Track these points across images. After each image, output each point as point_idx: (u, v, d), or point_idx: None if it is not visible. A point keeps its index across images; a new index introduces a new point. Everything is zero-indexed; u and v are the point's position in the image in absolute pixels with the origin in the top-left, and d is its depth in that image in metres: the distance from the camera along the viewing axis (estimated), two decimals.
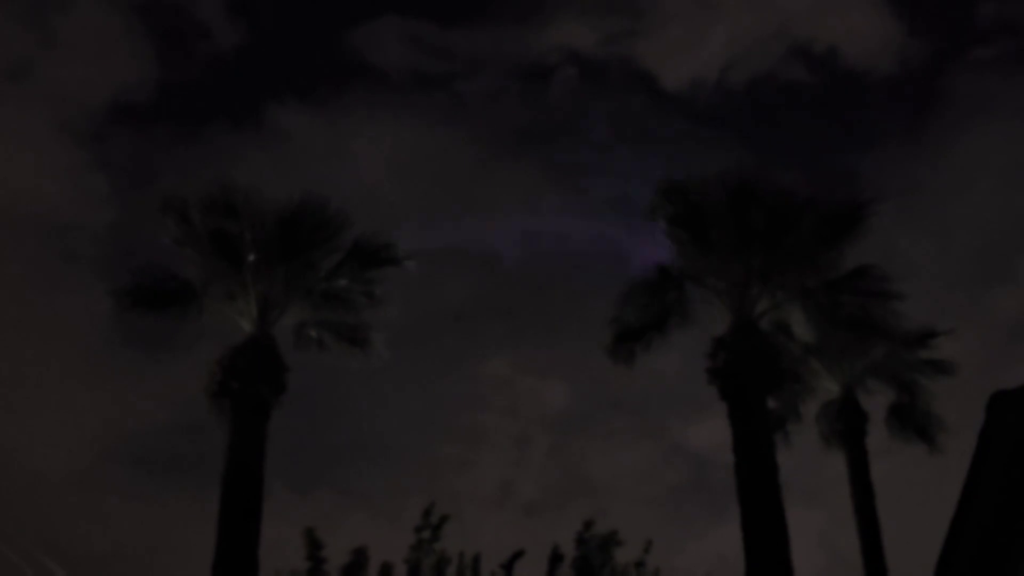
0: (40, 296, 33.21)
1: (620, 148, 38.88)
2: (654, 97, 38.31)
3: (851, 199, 19.34)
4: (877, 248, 19.75)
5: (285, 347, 18.76)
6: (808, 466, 24.02)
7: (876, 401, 22.63)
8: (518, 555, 16.95)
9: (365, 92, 39.96)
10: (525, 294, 36.78)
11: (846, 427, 21.98)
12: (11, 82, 35.74)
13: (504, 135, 40.25)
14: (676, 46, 39.99)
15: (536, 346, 36.42)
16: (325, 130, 39.04)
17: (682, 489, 35.05)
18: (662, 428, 36.57)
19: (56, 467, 31.88)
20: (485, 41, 39.42)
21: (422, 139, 38.32)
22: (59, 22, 36.78)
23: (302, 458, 28.56)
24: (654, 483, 36.12)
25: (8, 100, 35.48)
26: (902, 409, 22.50)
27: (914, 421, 22.32)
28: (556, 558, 16.82)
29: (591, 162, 39.50)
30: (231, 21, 39.21)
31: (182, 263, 19.01)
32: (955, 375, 22.27)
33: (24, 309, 31.79)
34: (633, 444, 36.84)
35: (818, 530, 27.51)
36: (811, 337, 20.48)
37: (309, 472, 30.35)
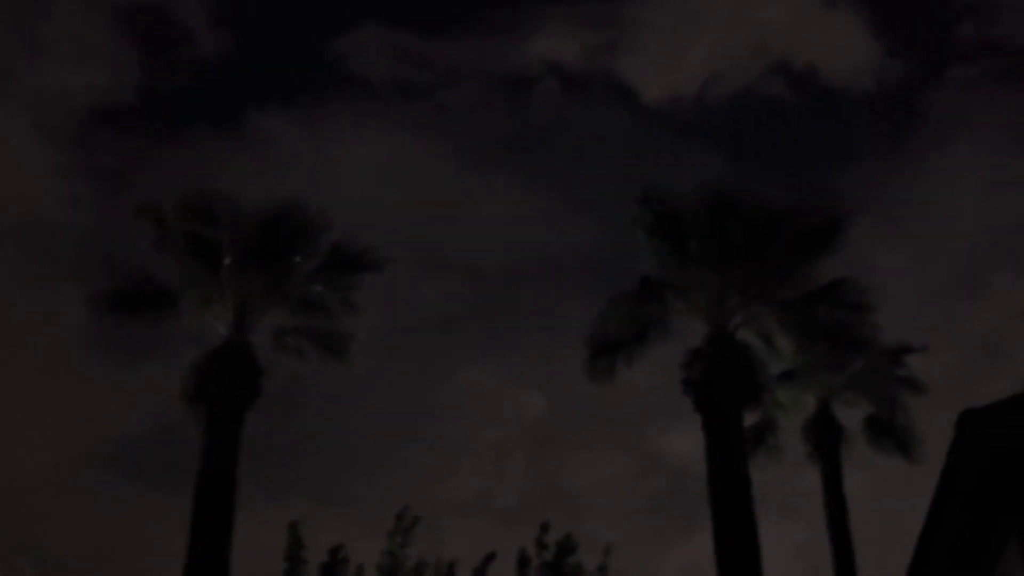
0: (19, 299, 33.02)
1: (601, 159, 38.97)
2: (635, 111, 38.42)
3: (829, 213, 19.39)
4: (854, 262, 19.96)
5: (262, 352, 18.70)
6: (785, 479, 24.09)
7: (853, 415, 22.73)
8: (491, 557, 16.99)
9: (347, 100, 39.93)
10: (505, 303, 36.80)
11: (821, 441, 22.03)
12: None
13: (486, 145, 40.26)
14: (657, 61, 40.18)
15: (515, 355, 36.44)
16: (307, 137, 38.98)
17: (658, 499, 35.04)
18: (638, 438, 36.60)
19: (31, 469, 31.72)
20: (467, 52, 39.43)
21: (404, 147, 38.31)
22: (41, 27, 36.55)
23: (279, 464, 28.44)
24: (630, 493, 36.12)
25: None
26: (878, 422, 22.52)
27: (892, 433, 22.34)
28: (523, 562, 16.92)
29: (572, 173, 39.60)
30: (214, 28, 39.03)
31: (160, 267, 18.98)
32: (928, 394, 22.37)
33: (2, 312, 31.65)
34: (610, 454, 36.84)
35: (795, 543, 27.60)
36: (788, 350, 20.32)
37: (286, 478, 30.23)
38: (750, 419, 20.27)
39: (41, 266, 33.33)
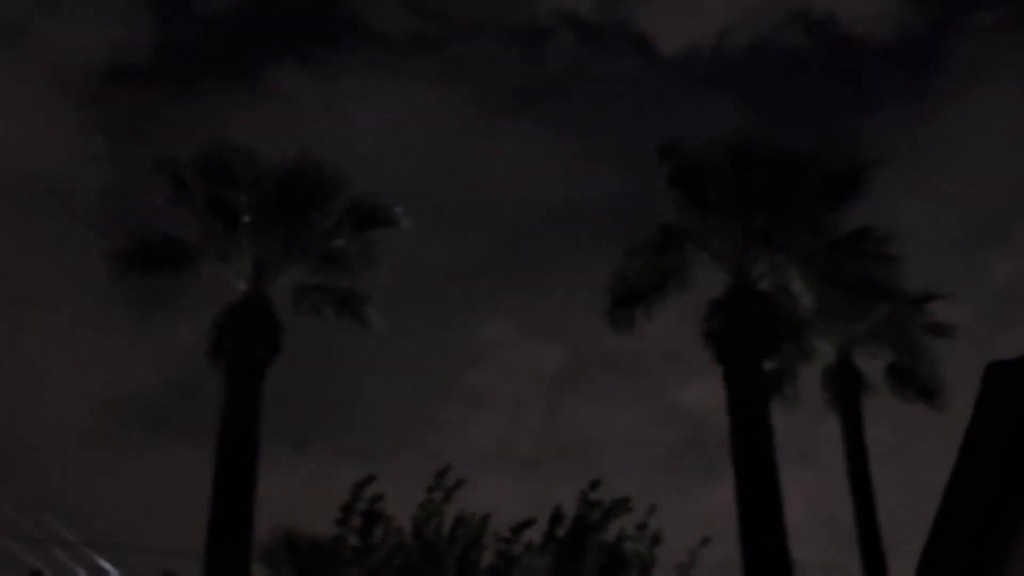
0: (39, 256, 33.16)
1: (618, 109, 38.64)
2: (652, 61, 38.03)
3: (851, 162, 19.15)
4: (877, 211, 19.66)
5: (282, 307, 18.71)
6: (805, 427, 24.08)
7: (875, 364, 22.55)
8: (528, 523, 16.86)
9: (363, 53, 39.79)
10: (522, 254, 36.79)
11: (842, 389, 21.93)
12: (7, 43, 35.44)
13: (501, 96, 40.08)
14: (673, 10, 39.62)
15: (533, 306, 36.48)
16: (323, 91, 38.86)
17: (676, 449, 35.18)
18: (657, 389, 36.65)
19: (55, 425, 31.99)
20: (481, 4, 39.11)
21: (419, 99, 38.16)
22: None
23: (299, 415, 28.65)
24: (649, 443, 36.26)
25: (4, 61, 35.23)
26: (901, 369, 22.36)
27: (914, 380, 22.21)
28: (556, 518, 16.78)
29: (589, 122, 39.30)
30: None
31: (178, 223, 18.95)
32: (953, 337, 22.18)
33: (23, 269, 31.74)
34: (628, 404, 36.95)
35: (814, 491, 27.64)
36: (809, 299, 20.30)
37: (306, 429, 30.47)
38: (769, 367, 19.94)
39: (60, 222, 33.44)
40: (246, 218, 18.45)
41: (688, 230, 19.12)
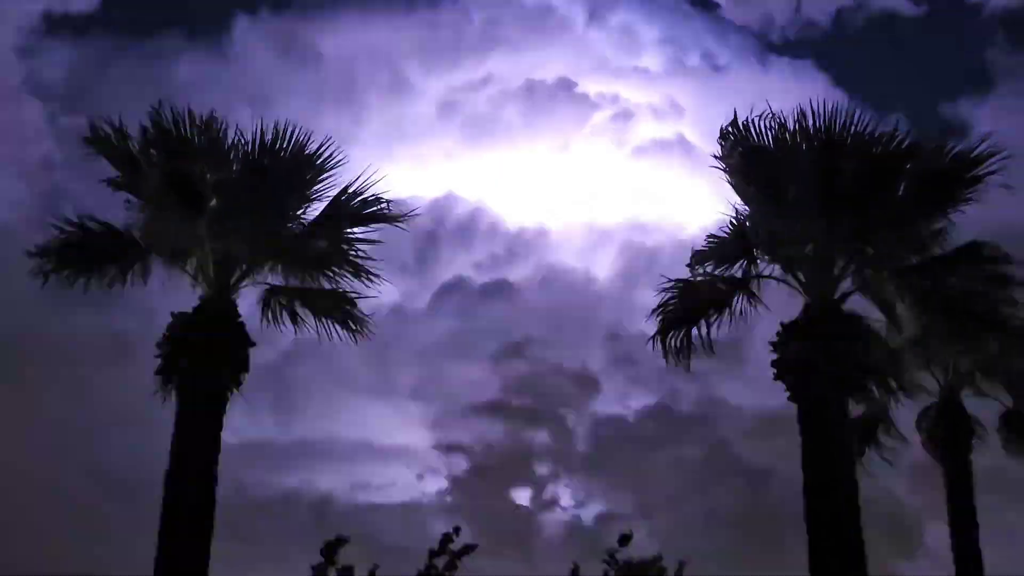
0: None
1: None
2: (718, 25, 34.91)
3: (962, 154, 16.33)
4: (990, 217, 17.07)
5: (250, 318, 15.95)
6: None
7: (987, 406, 20.40)
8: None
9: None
10: None
11: (947, 436, 19.93)
12: None
13: None
14: None
15: None
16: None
17: (737, 507, 32.01)
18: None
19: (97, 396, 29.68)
20: None
21: None
22: None
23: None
24: (704, 498, 33.03)
25: None
26: (1020, 417, 20.25)
27: None
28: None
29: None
30: None
31: (123, 209, 15.99)
32: None
33: None
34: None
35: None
36: (908, 325, 17.84)
37: None
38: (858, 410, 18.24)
39: None
40: (212, 203, 15.63)
41: (759, 236, 16.54)
